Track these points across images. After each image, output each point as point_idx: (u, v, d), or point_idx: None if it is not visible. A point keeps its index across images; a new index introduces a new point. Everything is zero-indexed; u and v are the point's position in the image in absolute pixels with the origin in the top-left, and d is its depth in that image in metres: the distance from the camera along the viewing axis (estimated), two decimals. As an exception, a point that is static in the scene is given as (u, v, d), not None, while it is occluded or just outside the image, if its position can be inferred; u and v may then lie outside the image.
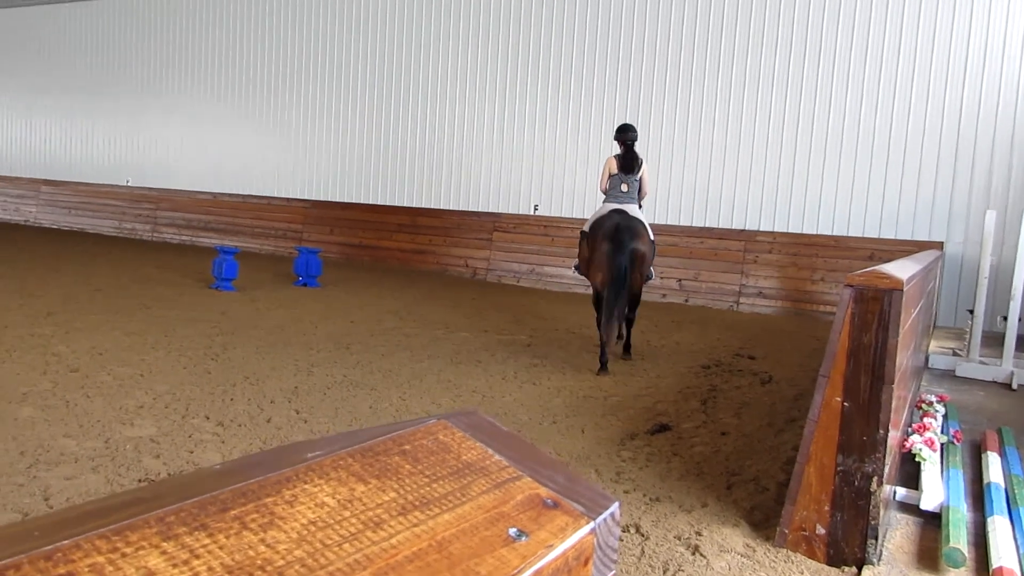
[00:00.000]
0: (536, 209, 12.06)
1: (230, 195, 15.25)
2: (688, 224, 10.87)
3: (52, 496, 2.87)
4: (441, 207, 12.80)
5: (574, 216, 11.70)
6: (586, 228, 6.36)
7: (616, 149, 7.90)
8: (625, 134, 6.49)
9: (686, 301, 10.58)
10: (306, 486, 0.48)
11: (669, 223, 10.94)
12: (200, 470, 0.50)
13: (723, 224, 10.65)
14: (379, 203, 13.46)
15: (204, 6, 15.63)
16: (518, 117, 12.23)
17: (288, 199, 14.55)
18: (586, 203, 11.60)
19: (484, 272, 12.18)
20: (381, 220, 13.23)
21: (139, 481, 3.04)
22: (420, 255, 12.61)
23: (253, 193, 14.96)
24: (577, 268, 6.64)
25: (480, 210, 12.50)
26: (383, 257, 13.07)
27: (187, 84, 15.90)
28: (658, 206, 10.97)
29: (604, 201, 6.45)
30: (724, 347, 7.20)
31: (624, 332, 6.57)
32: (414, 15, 13.12)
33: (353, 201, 13.64)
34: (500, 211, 12.34)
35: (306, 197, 14.38)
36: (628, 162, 6.43)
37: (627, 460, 3.79)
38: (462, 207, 12.65)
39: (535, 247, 11.96)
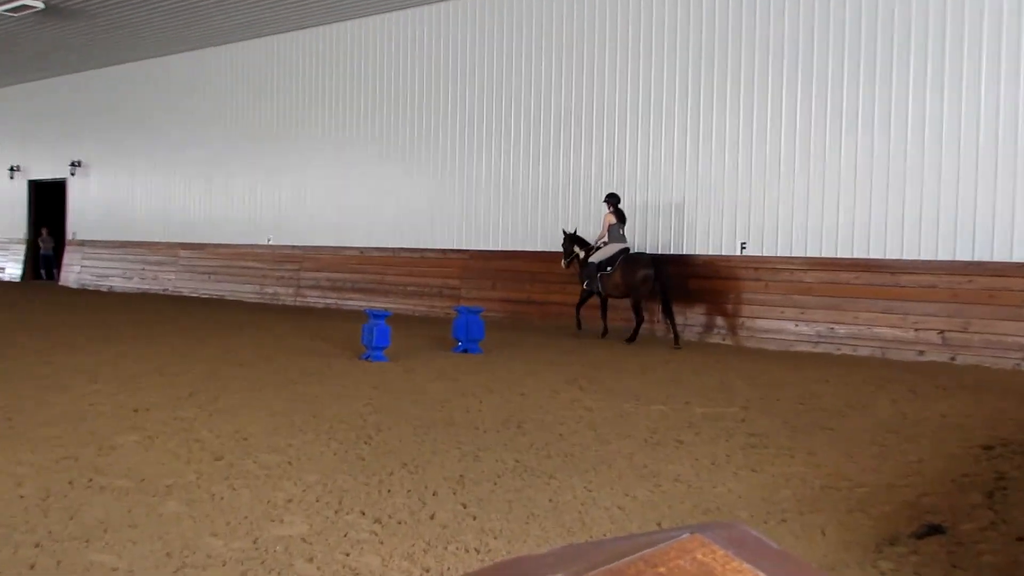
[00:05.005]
0: (743, 248, 11.79)
1: (378, 249, 16.18)
2: (949, 259, 10.20)
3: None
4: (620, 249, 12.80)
5: (793, 255, 11.34)
6: (600, 258, 11.96)
7: (605, 208, 12.26)
8: (614, 198, 12.14)
9: (952, 359, 9.88)
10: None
11: (922, 257, 10.32)
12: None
13: (999, 256, 9.89)
14: (548, 250, 13.75)
15: (343, 41, 16.90)
16: (715, 142, 12.12)
17: (443, 251, 15.21)
18: (808, 237, 11.22)
19: (681, 328, 12.01)
20: (551, 270, 13.48)
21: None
22: (599, 309, 12.62)
23: (404, 246, 15.78)
24: (589, 285, 12.08)
25: (672, 252, 12.46)
26: (555, 313, 13.30)
27: (329, 127, 17.18)
28: (906, 234, 10.41)
29: (610, 242, 11.97)
30: (1011, 421, 6.59)
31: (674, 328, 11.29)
32: (584, 44, 13.53)
33: (518, 249, 13.96)
34: (696, 252, 12.22)
35: (464, 247, 14.93)
36: (622, 216, 12.16)
37: (888, 573, 3.51)
38: (649, 249, 12.67)
39: (744, 294, 11.66)
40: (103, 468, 4.88)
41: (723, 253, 12.03)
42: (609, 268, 11.87)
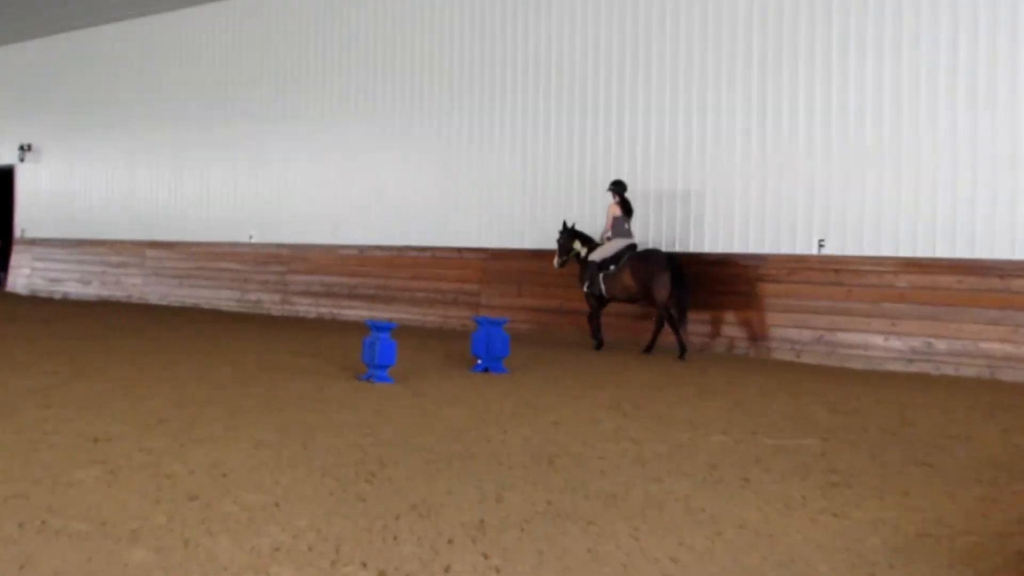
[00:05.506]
0: (821, 247, 11.71)
1: (381, 248, 16.25)
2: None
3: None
4: (677, 250, 12.84)
5: (882, 254, 11.27)
6: (601, 257, 12.39)
7: (610, 198, 12.67)
8: (620, 187, 12.51)
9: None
10: None
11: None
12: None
13: None
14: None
15: (340, 5, 16.97)
16: (786, 116, 12.08)
17: (459, 249, 15.24)
18: (900, 234, 11.14)
19: (745, 343, 12.04)
20: (589, 272, 13.44)
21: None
22: (648, 321, 12.65)
23: (412, 244, 15.82)
24: (590, 287, 12.45)
25: (735, 251, 12.40)
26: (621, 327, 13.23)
27: (324, 104, 17.26)
28: (1019, 230, 10.32)
29: (614, 237, 12.44)
30: None
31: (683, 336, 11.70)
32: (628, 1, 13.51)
33: (550, 248, 13.87)
34: (765, 252, 12.19)
35: (484, 245, 14.99)
36: (628, 207, 12.51)
37: (999, 640, 3.46)
38: (708, 248, 12.64)
39: (823, 302, 11.59)
40: (58, 508, 4.90)
41: (796, 252, 11.97)
42: (613, 267, 12.19)
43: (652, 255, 11.96)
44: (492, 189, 14.95)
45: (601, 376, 10.12)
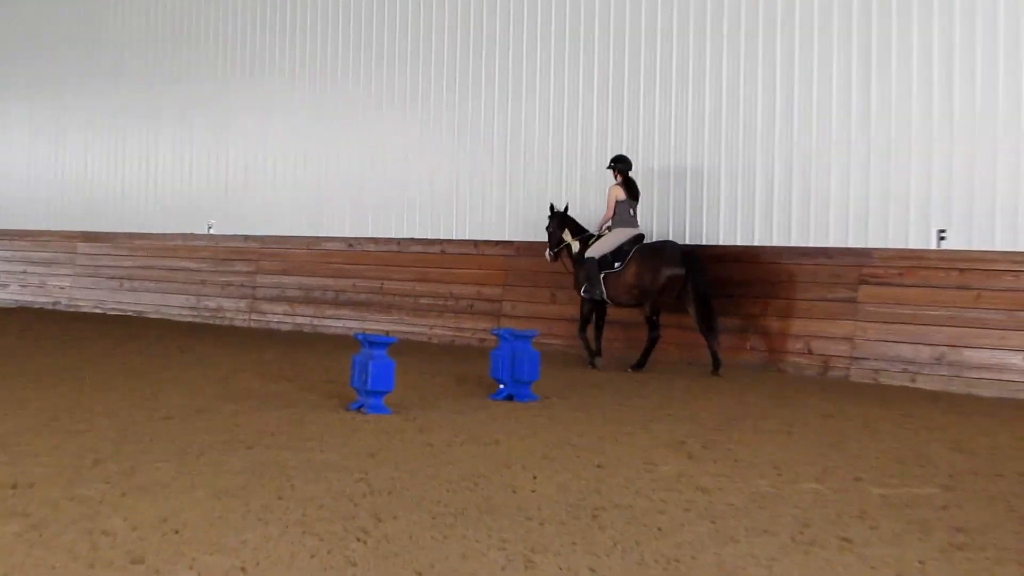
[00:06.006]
0: (942, 239, 11.64)
1: (376, 241, 16.24)
2: None
3: None
4: (752, 243, 12.81)
5: (1019, 249, 11.16)
6: (602, 251, 12.58)
7: (610, 177, 13.08)
8: (624, 164, 12.87)
9: None
10: None
11: None
12: None
13: None
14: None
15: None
16: (895, 75, 12.07)
17: (476, 242, 15.20)
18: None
19: (845, 363, 11.97)
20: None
21: None
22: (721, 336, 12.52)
23: (416, 236, 15.81)
24: (590, 291, 12.63)
25: (829, 245, 12.32)
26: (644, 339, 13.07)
27: (302, 61, 17.26)
28: None
29: (616, 226, 12.74)
30: None
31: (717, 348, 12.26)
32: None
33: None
34: (869, 246, 12.14)
35: (507, 238, 14.99)
36: (633, 189, 12.87)
37: None
38: (795, 242, 12.56)
39: (944, 311, 11.51)
40: (-36, 575, 4.91)
41: (909, 246, 11.92)
42: (618, 264, 12.38)
43: (664, 249, 12.38)
44: (518, 165, 14.93)
45: (659, 405, 10.06)
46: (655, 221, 13.72)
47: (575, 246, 12.88)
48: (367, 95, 16.54)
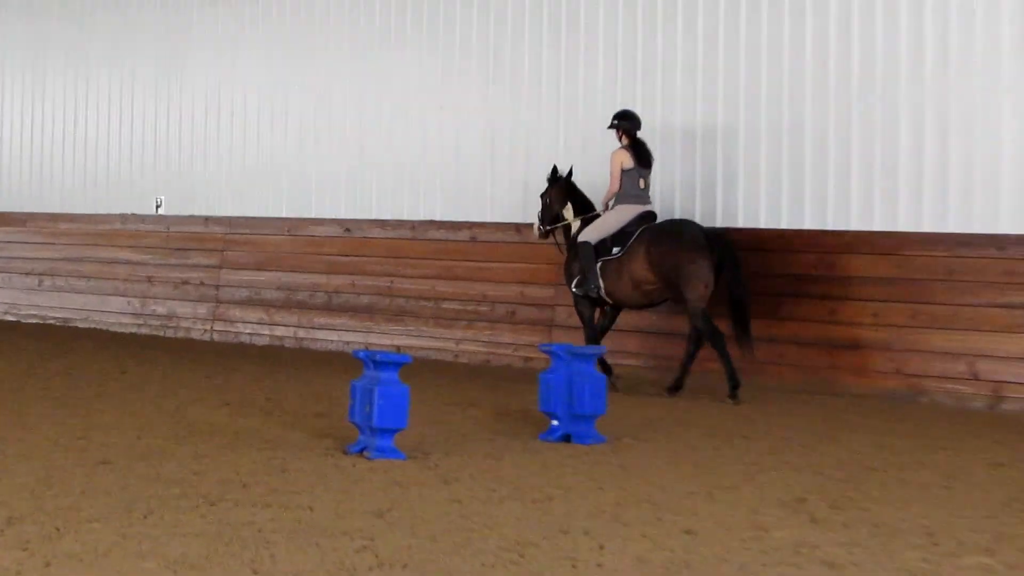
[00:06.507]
0: None
1: (382, 224, 16.16)
2: None
3: None
4: (895, 227, 12.73)
5: None
6: (599, 235, 12.65)
7: (616, 141, 13.37)
8: (632, 122, 12.92)
9: None
10: None
11: None
12: None
13: None
14: (746, 226, 13.68)
15: None
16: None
17: (518, 225, 15.09)
18: None
19: (1019, 391, 11.73)
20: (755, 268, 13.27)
21: None
22: (850, 353, 12.55)
23: (436, 218, 15.66)
24: (582, 285, 12.73)
25: (1001, 232, 12.27)
26: (757, 357, 13.01)
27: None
28: None
29: (619, 202, 12.88)
30: None
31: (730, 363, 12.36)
32: None
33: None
34: (999, 231, 12.33)
35: (561, 221, 14.82)
36: (643, 154, 12.98)
37: None
38: (953, 228, 12.35)
39: None
40: None
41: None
42: (617, 250, 12.36)
43: (684, 230, 12.34)
44: (571, 120, 14.84)
45: (768, 450, 10.08)
46: (699, 197, 13.80)
47: (575, 226, 12.99)
48: (369, 24, 16.46)
